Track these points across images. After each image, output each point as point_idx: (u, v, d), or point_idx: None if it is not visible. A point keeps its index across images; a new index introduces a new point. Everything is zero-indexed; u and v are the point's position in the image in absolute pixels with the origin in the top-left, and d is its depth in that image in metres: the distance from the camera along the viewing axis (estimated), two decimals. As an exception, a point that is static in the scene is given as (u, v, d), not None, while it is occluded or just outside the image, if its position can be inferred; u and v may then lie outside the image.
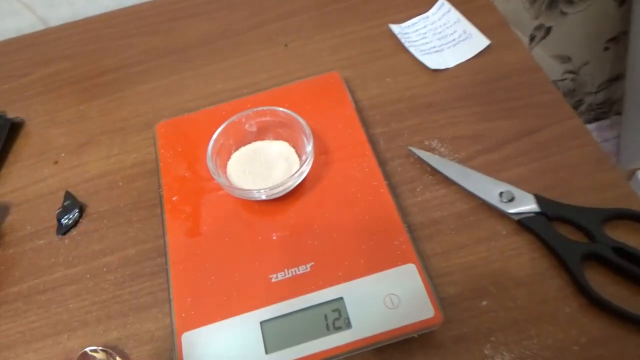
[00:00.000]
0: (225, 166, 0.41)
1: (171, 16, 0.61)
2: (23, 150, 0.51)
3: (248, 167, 0.40)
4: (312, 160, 0.39)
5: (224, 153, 0.41)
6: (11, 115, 0.54)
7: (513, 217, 0.40)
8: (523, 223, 0.39)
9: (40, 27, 0.63)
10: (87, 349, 0.36)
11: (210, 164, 0.39)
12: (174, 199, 0.42)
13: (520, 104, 0.47)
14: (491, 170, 0.43)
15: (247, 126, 0.42)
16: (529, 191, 0.40)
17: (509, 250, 0.39)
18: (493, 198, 0.41)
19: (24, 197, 0.48)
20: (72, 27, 0.62)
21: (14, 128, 0.52)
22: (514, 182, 0.41)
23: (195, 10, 0.61)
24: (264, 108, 0.41)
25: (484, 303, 0.37)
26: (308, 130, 0.39)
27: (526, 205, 0.40)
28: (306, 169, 0.39)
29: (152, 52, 0.57)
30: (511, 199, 0.40)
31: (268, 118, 0.42)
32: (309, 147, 0.39)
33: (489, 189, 0.41)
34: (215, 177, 0.38)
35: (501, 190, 0.41)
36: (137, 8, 0.63)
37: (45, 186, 0.48)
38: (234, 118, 0.41)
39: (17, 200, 0.48)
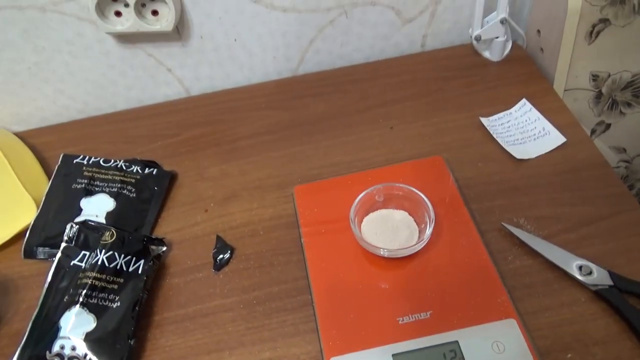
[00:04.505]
0: (359, 225, 0.52)
1: (292, 95, 0.74)
2: (177, 198, 0.63)
3: (379, 231, 0.51)
4: (432, 229, 0.50)
5: (358, 216, 0.52)
6: (165, 167, 0.66)
7: (591, 287, 0.49)
8: (599, 293, 0.48)
9: (183, 95, 0.77)
10: (253, 364, 0.46)
11: (352, 224, 0.50)
12: (314, 250, 0.53)
13: (593, 194, 0.57)
14: (571, 247, 0.52)
15: (376, 197, 0.53)
16: (603, 267, 0.50)
17: (588, 315, 0.48)
18: (574, 271, 0.50)
19: (182, 237, 0.59)
20: (210, 97, 0.75)
21: (170, 179, 0.65)
22: (590, 259, 0.51)
23: (313, 92, 0.74)
24: (395, 184, 0.53)
25: (569, 356, 0.46)
26: (430, 206, 0.50)
27: (602, 278, 0.49)
28: (428, 238, 0.50)
29: (279, 124, 0.70)
30: (589, 273, 0.50)
31: (395, 192, 0.53)
32: (432, 220, 0.49)
33: (570, 262, 0.51)
34: (355, 234, 0.49)
35: (580, 264, 0.50)
36: (263, 85, 0.76)
37: (199, 229, 0.60)
38: (368, 190, 0.53)
39: (177, 239, 0.59)
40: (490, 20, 0.71)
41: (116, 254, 0.52)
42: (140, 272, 0.53)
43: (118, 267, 0.52)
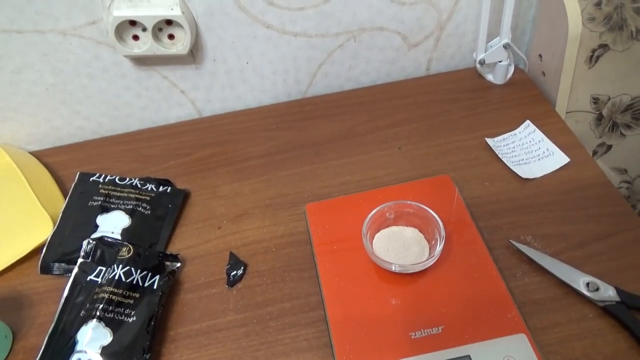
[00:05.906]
0: (371, 241, 0.53)
1: (302, 116, 0.76)
2: (190, 216, 0.65)
3: (390, 247, 0.52)
4: (442, 247, 0.51)
5: (369, 232, 0.54)
6: (178, 186, 0.67)
7: (598, 304, 0.50)
8: (607, 310, 0.49)
9: (195, 116, 0.79)
10: (269, 378, 0.47)
11: (364, 240, 0.51)
12: (327, 266, 0.54)
13: (597, 213, 0.58)
14: (577, 264, 0.53)
15: (387, 214, 0.55)
16: (610, 283, 0.51)
17: (596, 331, 0.49)
18: (581, 287, 0.51)
19: (195, 253, 0.60)
20: (222, 118, 0.77)
21: (183, 197, 0.66)
22: (597, 275, 0.52)
23: (322, 113, 0.76)
24: (405, 202, 0.54)
25: (579, 370, 0.47)
26: (441, 223, 0.51)
27: (609, 295, 0.50)
28: (438, 254, 0.51)
29: (289, 144, 0.72)
30: (596, 289, 0.51)
31: (406, 210, 0.54)
32: (442, 237, 0.51)
33: (577, 279, 0.52)
34: (368, 249, 0.51)
35: (588, 281, 0.51)
36: (274, 107, 0.78)
37: (212, 246, 0.61)
38: (379, 208, 0.54)
39: (190, 256, 0.60)
40: (493, 45, 0.73)
41: (133, 269, 0.53)
42: (155, 287, 0.54)
43: (134, 282, 0.53)
